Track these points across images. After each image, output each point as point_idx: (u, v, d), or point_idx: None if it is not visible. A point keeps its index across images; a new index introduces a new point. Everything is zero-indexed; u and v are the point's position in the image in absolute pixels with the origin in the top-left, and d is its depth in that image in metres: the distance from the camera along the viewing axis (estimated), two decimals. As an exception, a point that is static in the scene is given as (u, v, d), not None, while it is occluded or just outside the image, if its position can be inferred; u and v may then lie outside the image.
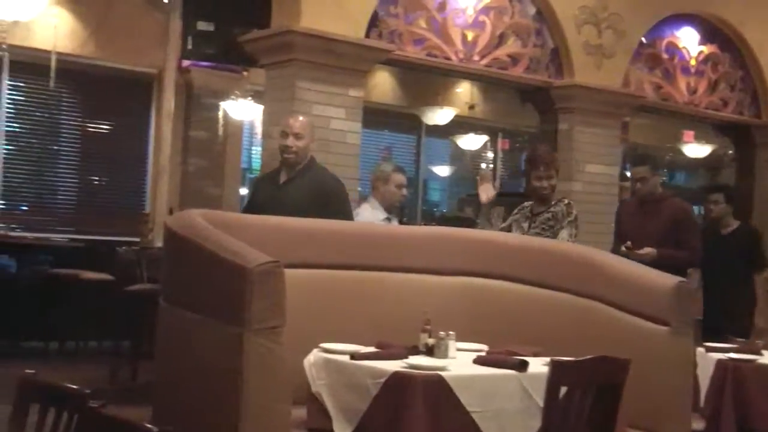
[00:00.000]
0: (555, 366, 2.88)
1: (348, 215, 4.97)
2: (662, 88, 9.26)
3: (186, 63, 9.40)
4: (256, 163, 10.81)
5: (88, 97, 9.52)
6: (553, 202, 4.97)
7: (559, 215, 4.90)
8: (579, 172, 8.33)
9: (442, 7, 7.61)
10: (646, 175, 5.67)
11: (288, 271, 3.14)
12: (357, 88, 6.98)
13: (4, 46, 6.79)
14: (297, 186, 4.88)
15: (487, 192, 5.11)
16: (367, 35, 7.08)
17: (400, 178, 5.85)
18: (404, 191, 5.91)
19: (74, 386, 2.26)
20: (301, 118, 5.09)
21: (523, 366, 3.19)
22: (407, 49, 7.44)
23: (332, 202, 4.84)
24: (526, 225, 4.98)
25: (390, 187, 5.76)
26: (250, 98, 9.79)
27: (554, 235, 4.82)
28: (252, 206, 5.04)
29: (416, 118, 12.23)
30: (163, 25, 8.83)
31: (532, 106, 8.79)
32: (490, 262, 4.19)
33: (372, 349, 3.37)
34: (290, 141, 4.85)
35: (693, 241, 5.58)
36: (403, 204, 8.07)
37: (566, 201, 5.05)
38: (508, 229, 5.03)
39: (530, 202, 5.05)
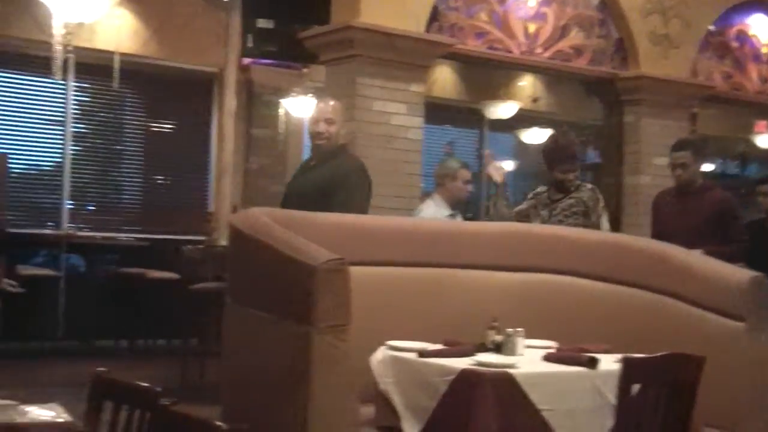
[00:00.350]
0: (627, 363, 2.83)
1: (348, 207, 4.42)
2: (732, 77, 9.08)
3: (246, 61, 9.48)
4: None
5: (151, 97, 9.67)
6: (572, 189, 4.88)
7: (589, 202, 4.80)
8: (647, 165, 8.21)
9: (503, 0, 7.57)
10: (687, 160, 5.39)
11: (353, 269, 3.15)
12: (418, 83, 6.98)
13: (69, 48, 6.92)
14: (318, 173, 4.68)
15: (497, 170, 5.09)
16: (428, 29, 7.07)
17: (466, 174, 5.83)
18: (470, 187, 5.90)
19: (145, 384, 2.29)
20: (332, 102, 4.92)
21: (594, 363, 3.15)
22: (468, 42, 7.41)
23: (337, 192, 4.51)
24: (546, 213, 4.90)
25: (457, 184, 5.75)
26: (310, 95, 9.84)
27: (586, 223, 4.72)
28: (285, 195, 4.87)
29: (478, 113, 12.17)
30: (223, 23, 8.91)
31: (597, 98, 8.70)
32: (557, 258, 4.14)
33: (439, 346, 3.35)
34: (322, 126, 4.69)
35: (739, 235, 5.33)
36: (468, 200, 8.05)
37: (589, 185, 4.96)
38: (526, 214, 4.96)
39: (545, 188, 4.99)
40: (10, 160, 8.79)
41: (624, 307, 3.91)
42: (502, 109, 11.84)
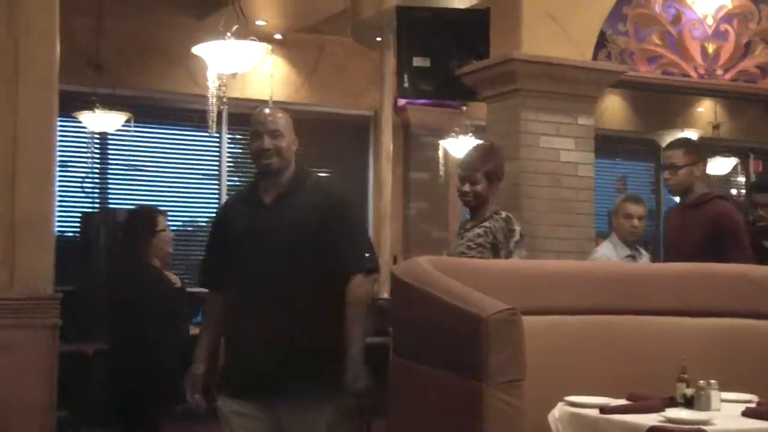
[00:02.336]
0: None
1: (358, 233, 3.81)
2: None
3: (402, 102, 9.63)
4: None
5: (306, 143, 9.86)
6: (487, 215, 4.46)
7: (498, 234, 4.37)
8: None
9: (677, 20, 7.42)
10: (676, 161, 4.89)
11: (526, 319, 3.12)
12: (587, 115, 6.89)
13: (223, 100, 7.22)
14: (294, 204, 3.71)
15: None
16: (595, 57, 6.99)
17: (627, 207, 5.69)
18: (635, 222, 5.70)
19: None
20: (267, 110, 3.88)
21: (801, 418, 2.99)
22: (640, 68, 7.30)
23: (347, 216, 3.75)
24: (454, 243, 4.60)
25: (619, 219, 5.64)
26: (470, 134, 9.89)
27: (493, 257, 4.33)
28: (218, 242, 3.84)
29: (653, 143, 11.93)
30: (376, 64, 9.11)
31: (788, 120, 8.37)
32: (753, 300, 3.97)
33: (623, 401, 3.27)
34: (267, 142, 3.69)
35: (739, 256, 4.68)
36: (645, 238, 7.85)
37: (504, 214, 4.44)
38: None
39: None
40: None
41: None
42: (680, 139, 11.54)
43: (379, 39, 8.73)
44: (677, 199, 5.17)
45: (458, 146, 9.88)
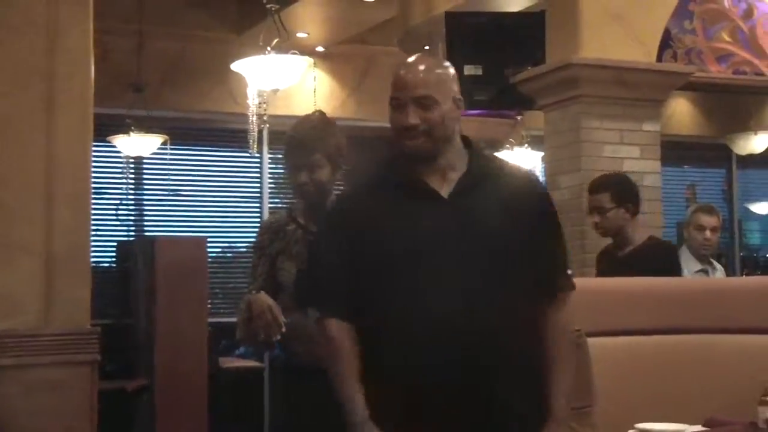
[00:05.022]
0: None
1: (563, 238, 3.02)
2: None
3: (454, 113, 9.65)
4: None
5: (353, 161, 9.98)
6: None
7: None
8: None
9: (748, 14, 7.36)
10: (606, 204, 4.89)
11: (593, 341, 3.13)
12: (653, 120, 6.87)
13: (265, 118, 7.29)
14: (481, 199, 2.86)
15: None
16: (659, 58, 6.97)
17: (699, 218, 5.66)
18: (708, 234, 5.66)
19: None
20: (413, 63, 2.84)
21: None
22: (710, 68, 7.24)
23: (553, 215, 2.98)
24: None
25: (690, 231, 5.61)
26: (526, 145, 9.89)
27: None
28: (347, 252, 2.80)
29: (724, 148, 11.84)
30: (426, 74, 9.13)
31: None
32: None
33: (700, 428, 3.26)
34: (411, 114, 2.75)
35: None
36: (719, 250, 7.77)
37: None
38: None
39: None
40: (209, 244, 9.28)
41: None
42: (755, 142, 11.44)
43: (427, 47, 8.76)
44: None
45: (514, 158, 9.88)
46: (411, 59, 2.83)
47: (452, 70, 2.83)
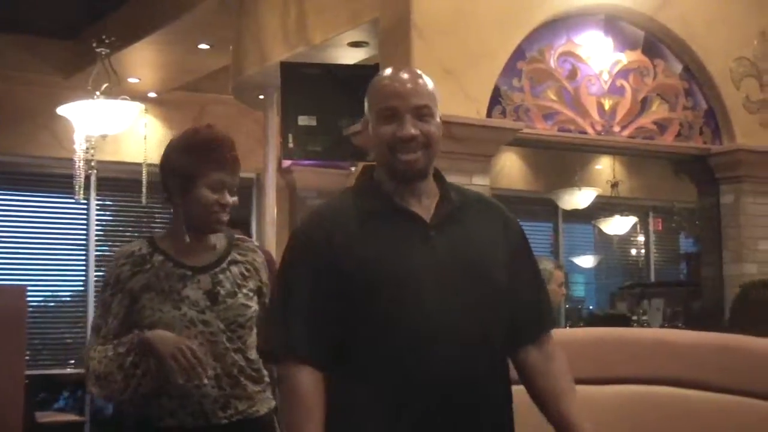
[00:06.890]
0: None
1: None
2: None
3: (287, 163, 9.63)
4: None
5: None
6: (244, 243, 3.32)
7: (261, 269, 3.24)
8: (751, 252, 8.08)
9: (572, 75, 7.63)
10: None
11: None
12: (482, 174, 6.99)
13: (93, 164, 7.10)
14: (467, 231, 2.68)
15: None
16: (489, 114, 7.12)
17: (561, 275, 5.85)
18: (564, 290, 5.92)
19: None
20: (406, 73, 2.65)
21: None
22: (537, 125, 7.46)
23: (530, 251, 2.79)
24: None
25: (553, 287, 5.73)
26: (360, 196, 9.94)
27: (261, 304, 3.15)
28: (325, 289, 2.48)
29: (551, 203, 12.20)
30: (260, 123, 9.11)
31: (688, 177, 8.65)
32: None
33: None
34: (409, 125, 2.53)
35: None
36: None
37: (257, 242, 3.36)
38: None
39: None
40: (29, 293, 8.93)
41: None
42: (578, 198, 11.85)
43: (261, 97, 8.74)
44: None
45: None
46: (394, 70, 2.59)
47: None
